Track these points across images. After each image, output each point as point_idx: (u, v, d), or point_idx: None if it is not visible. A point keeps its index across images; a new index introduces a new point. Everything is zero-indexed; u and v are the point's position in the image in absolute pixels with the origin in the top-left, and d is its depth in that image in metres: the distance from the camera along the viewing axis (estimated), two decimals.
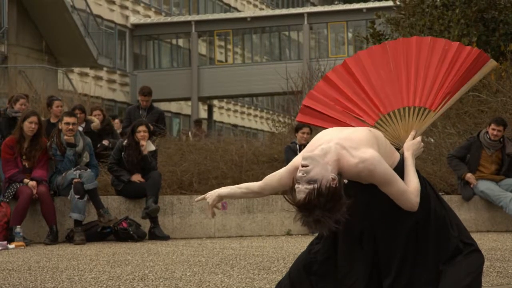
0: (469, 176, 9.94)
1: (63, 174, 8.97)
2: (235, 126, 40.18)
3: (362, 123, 3.78)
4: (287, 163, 10.72)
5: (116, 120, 13.99)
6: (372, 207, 3.53)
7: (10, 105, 10.55)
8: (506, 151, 10.03)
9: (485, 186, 9.93)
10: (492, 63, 3.96)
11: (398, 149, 3.68)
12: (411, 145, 3.65)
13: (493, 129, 9.90)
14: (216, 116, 39.73)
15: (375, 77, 3.87)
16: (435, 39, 3.94)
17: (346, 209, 3.32)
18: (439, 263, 3.53)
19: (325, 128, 3.80)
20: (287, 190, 3.43)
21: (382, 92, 3.82)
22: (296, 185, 3.34)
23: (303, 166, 3.35)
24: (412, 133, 3.70)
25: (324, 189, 3.28)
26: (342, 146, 3.41)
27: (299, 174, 3.35)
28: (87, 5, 29.15)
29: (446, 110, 3.87)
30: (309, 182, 3.31)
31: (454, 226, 3.61)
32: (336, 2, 49.04)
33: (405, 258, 3.53)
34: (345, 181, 3.60)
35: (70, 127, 9.08)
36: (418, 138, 3.69)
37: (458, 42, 3.94)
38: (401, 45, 3.95)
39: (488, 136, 9.95)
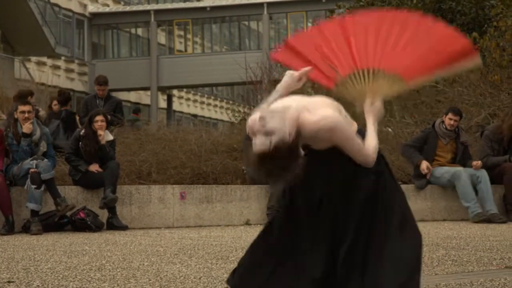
0: (424, 164, 9.98)
1: (19, 164, 8.88)
2: (194, 116, 40.09)
3: (335, 73, 3.80)
4: (245, 154, 10.60)
5: None
6: (332, 175, 3.57)
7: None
8: (460, 139, 10.15)
9: (442, 171, 10.03)
10: (476, 60, 4.00)
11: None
12: (372, 109, 3.70)
13: (450, 119, 9.99)
14: (176, 106, 39.60)
15: (365, 36, 3.92)
16: (437, 22, 3.96)
17: (299, 170, 3.33)
18: (383, 234, 3.58)
19: (296, 70, 3.80)
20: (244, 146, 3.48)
21: (366, 50, 3.86)
22: (254, 139, 3.33)
23: (260, 118, 3.32)
24: (373, 98, 3.72)
25: (279, 142, 3.27)
26: (304, 106, 3.44)
27: (256, 126, 3.32)
28: None
29: (413, 88, 3.95)
30: (266, 133, 3.29)
31: (400, 202, 3.67)
32: None
33: (361, 226, 3.57)
34: (303, 152, 3.61)
35: (26, 115, 8.98)
36: (379, 103, 3.73)
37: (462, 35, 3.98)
38: (400, 16, 4.02)
39: (444, 126, 10.05)
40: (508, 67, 13.64)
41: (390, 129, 12.78)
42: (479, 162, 9.99)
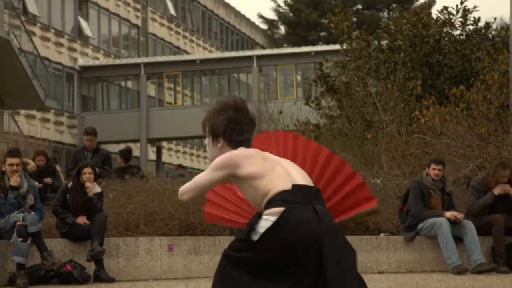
0: (450, 215, 9.96)
1: (6, 216, 8.83)
2: (184, 167, 40.03)
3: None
4: None
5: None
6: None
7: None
8: (446, 189, 10.20)
9: (428, 222, 10.03)
10: (374, 209, 4.27)
11: None
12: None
13: (434, 169, 10.09)
14: (165, 157, 39.60)
15: None
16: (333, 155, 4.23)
17: None
18: None
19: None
20: None
21: None
22: None
23: None
24: None
25: None
26: None
27: None
28: (35, 47, 28.98)
29: None
30: None
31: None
32: (285, 45, 49.58)
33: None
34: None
35: (14, 168, 8.98)
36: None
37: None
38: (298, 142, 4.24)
39: (430, 178, 10.11)
40: (495, 119, 13.75)
41: (378, 181, 12.81)
42: (458, 214, 9.95)
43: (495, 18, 18.55)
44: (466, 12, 17.20)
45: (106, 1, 37.13)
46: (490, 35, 17.75)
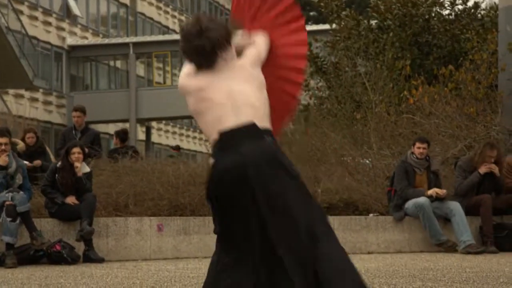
0: (431, 191, 10.07)
1: None
2: (179, 149, 39.98)
3: None
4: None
5: None
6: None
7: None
8: (431, 168, 10.26)
9: (411, 203, 10.10)
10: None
11: None
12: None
13: (418, 147, 10.21)
14: (155, 137, 39.55)
15: None
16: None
17: None
18: None
19: None
20: None
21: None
22: None
23: None
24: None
25: None
26: None
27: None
28: (22, 26, 28.82)
29: None
30: None
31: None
32: None
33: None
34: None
35: (3, 147, 8.95)
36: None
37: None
38: None
39: (414, 156, 10.21)
40: (484, 99, 13.78)
41: (367, 161, 12.84)
42: (440, 190, 10.08)
43: None
44: None
45: None
46: (479, 15, 17.73)
